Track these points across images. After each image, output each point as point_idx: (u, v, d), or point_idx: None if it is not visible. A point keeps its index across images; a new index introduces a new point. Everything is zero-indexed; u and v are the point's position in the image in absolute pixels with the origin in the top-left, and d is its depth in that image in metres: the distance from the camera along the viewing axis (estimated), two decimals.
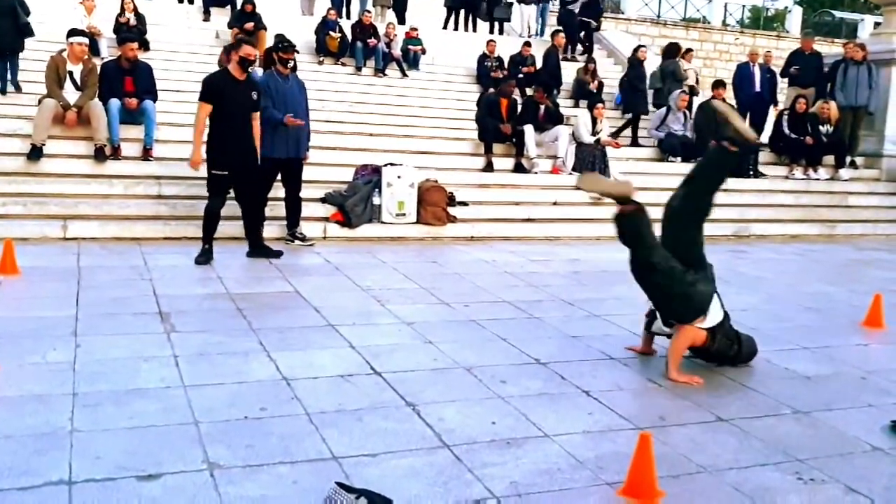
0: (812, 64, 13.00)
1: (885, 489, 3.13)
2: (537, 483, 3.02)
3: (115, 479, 2.87)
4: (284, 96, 7.40)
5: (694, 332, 4.31)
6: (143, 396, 3.68)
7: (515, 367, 4.40)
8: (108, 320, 4.91)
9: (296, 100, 7.51)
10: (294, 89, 7.55)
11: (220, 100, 6.67)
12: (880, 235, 10.98)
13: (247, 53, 6.72)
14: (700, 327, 4.32)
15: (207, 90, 6.74)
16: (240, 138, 6.77)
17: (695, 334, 4.32)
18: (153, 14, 13.20)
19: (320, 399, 3.75)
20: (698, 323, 4.31)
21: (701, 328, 4.32)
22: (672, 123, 11.72)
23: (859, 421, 3.81)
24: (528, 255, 8.06)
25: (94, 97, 8.56)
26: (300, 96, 7.61)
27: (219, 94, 6.68)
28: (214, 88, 6.72)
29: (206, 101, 6.71)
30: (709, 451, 3.40)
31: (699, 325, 4.31)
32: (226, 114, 6.69)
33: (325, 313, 5.33)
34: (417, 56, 14.23)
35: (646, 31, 21.80)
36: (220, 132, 6.72)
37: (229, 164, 6.77)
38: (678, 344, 4.33)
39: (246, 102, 6.79)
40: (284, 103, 7.36)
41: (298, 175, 7.70)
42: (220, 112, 6.70)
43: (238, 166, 6.82)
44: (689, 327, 4.30)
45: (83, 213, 7.83)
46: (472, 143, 10.84)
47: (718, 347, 4.40)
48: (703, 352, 4.46)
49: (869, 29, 23.03)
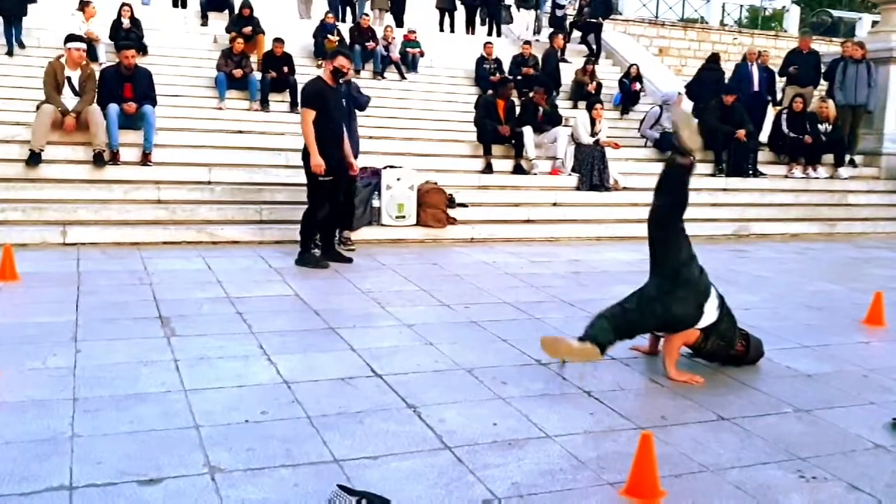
0: (810, 63, 13.01)
1: (887, 486, 3.12)
2: (539, 484, 3.01)
3: (116, 483, 2.86)
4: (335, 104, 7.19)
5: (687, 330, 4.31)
6: (144, 401, 3.67)
7: (516, 368, 4.39)
8: (108, 325, 4.90)
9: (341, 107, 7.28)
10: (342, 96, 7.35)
11: (321, 107, 6.78)
12: (880, 233, 10.98)
13: (340, 65, 6.83)
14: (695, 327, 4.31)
15: (312, 96, 6.82)
16: (338, 145, 6.95)
17: (687, 333, 4.31)
18: (151, 19, 13.24)
19: (321, 402, 3.75)
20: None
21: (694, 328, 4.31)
22: (666, 122, 11.73)
23: (861, 419, 3.80)
24: (528, 256, 8.06)
25: (92, 102, 8.57)
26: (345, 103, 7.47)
27: (320, 100, 6.78)
28: (319, 95, 6.81)
29: (310, 108, 6.79)
30: (711, 450, 3.39)
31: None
32: (327, 120, 6.81)
33: (325, 316, 5.33)
34: (416, 59, 14.25)
35: (644, 31, 21.83)
36: (322, 139, 6.81)
37: (332, 170, 6.88)
38: (671, 343, 4.32)
39: (343, 109, 7.03)
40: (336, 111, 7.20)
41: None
42: (322, 118, 6.79)
43: (338, 171, 6.94)
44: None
45: (82, 218, 7.84)
46: (472, 144, 10.85)
47: (711, 348, 4.40)
48: (697, 351, 4.46)
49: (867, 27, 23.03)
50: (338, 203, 7.30)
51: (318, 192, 6.97)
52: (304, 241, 7.10)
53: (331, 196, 7.08)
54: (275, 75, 11.61)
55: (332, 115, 6.85)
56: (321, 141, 6.82)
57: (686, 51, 22.43)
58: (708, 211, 10.56)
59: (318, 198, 6.99)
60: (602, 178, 10.48)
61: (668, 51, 22.00)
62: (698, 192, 10.99)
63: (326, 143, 6.84)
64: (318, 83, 6.98)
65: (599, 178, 10.47)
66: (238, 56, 11.65)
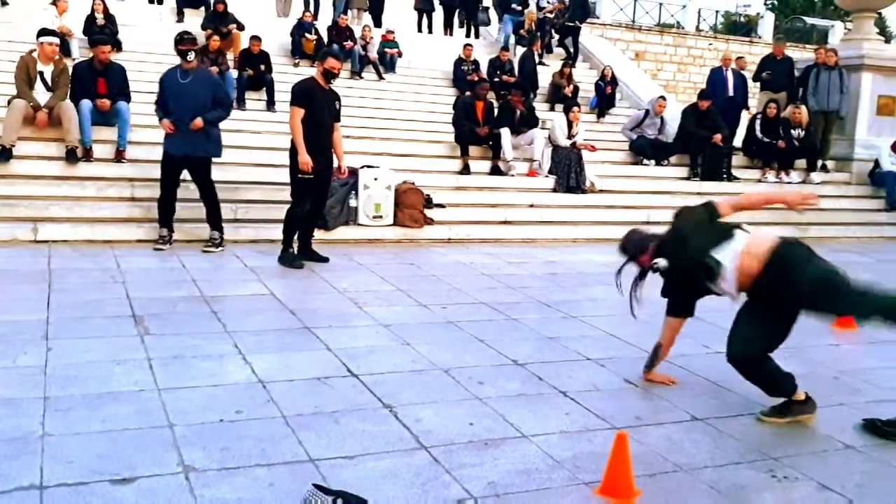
0: (783, 69, 13.18)
1: (856, 486, 3.17)
2: (515, 483, 3.02)
3: (87, 483, 2.82)
4: (177, 93, 7.19)
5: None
6: (117, 400, 3.63)
7: (493, 369, 4.40)
8: (80, 323, 4.84)
9: (188, 96, 7.17)
10: (194, 85, 7.22)
11: (309, 106, 6.79)
12: (851, 238, 11.14)
13: (331, 66, 6.87)
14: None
15: (301, 95, 6.84)
16: (322, 145, 6.92)
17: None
18: (126, 15, 13.08)
19: (297, 401, 3.73)
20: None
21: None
22: (647, 128, 11.84)
23: (832, 420, 3.85)
24: (505, 256, 8.08)
25: (65, 98, 8.44)
26: (200, 92, 7.24)
27: (310, 99, 6.80)
28: (308, 93, 6.82)
29: (299, 106, 6.81)
30: (685, 450, 3.42)
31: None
32: (314, 120, 6.81)
33: (300, 316, 5.30)
34: (394, 59, 14.22)
35: (620, 35, 21.96)
36: (308, 138, 6.80)
37: (315, 169, 6.87)
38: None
39: (331, 111, 6.97)
40: (175, 99, 7.18)
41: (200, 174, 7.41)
42: (309, 118, 6.80)
43: (316, 171, 6.91)
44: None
45: (54, 215, 7.72)
46: (449, 145, 10.85)
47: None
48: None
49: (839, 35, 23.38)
50: (322, 204, 7.32)
51: (300, 190, 6.96)
52: (285, 240, 7.07)
53: (314, 195, 7.06)
54: (251, 73, 11.54)
55: (319, 115, 6.85)
56: (307, 141, 6.81)
57: (662, 55, 22.61)
58: None
59: (300, 196, 6.99)
60: (578, 181, 10.53)
61: (644, 55, 22.17)
62: (673, 195, 11.13)
63: (312, 144, 6.82)
64: (310, 83, 6.98)
65: (576, 181, 10.52)
66: (214, 53, 11.55)
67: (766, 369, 3.81)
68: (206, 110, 7.25)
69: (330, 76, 6.92)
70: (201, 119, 7.17)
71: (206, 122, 7.22)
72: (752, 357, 3.78)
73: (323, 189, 7.24)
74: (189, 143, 7.22)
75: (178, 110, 7.18)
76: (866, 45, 12.99)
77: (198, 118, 7.16)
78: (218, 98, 7.42)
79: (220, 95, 7.52)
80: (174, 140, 7.23)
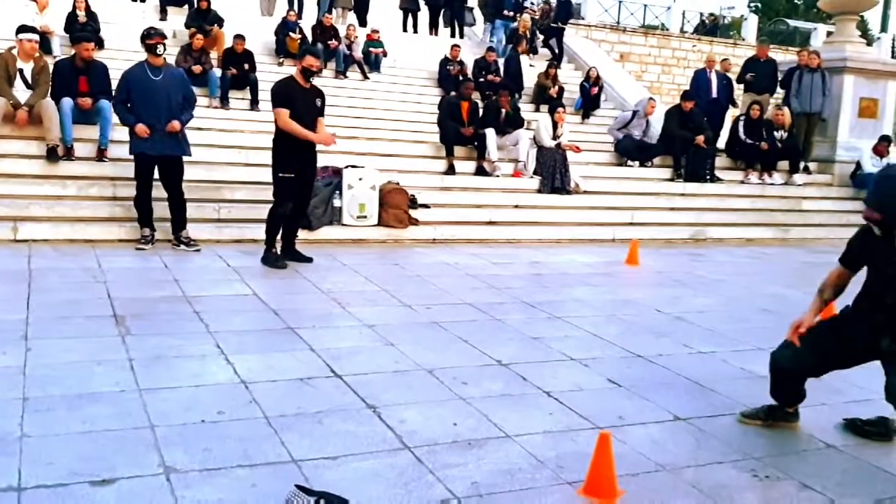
0: (767, 71, 13.27)
1: (837, 485, 3.19)
2: (498, 483, 3.02)
3: (66, 484, 2.79)
4: (147, 91, 7.06)
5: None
6: (97, 401, 3.59)
7: (477, 369, 4.40)
8: (60, 323, 4.79)
9: (161, 94, 7.07)
10: (167, 83, 7.15)
11: (291, 105, 6.77)
12: (833, 239, 11.19)
13: (309, 64, 6.83)
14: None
15: (280, 96, 6.82)
16: (303, 144, 6.87)
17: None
18: (108, 13, 12.97)
19: (279, 402, 3.71)
20: None
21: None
22: (634, 129, 11.88)
23: (813, 420, 3.87)
24: (489, 257, 8.08)
25: (46, 96, 8.36)
26: (173, 91, 7.18)
27: (290, 99, 6.78)
28: (287, 94, 6.81)
29: (282, 107, 6.79)
30: (667, 449, 3.43)
31: None
32: (295, 119, 6.77)
33: (284, 316, 5.27)
34: (379, 58, 14.21)
35: (605, 37, 22.02)
36: (290, 138, 6.78)
37: (295, 168, 6.84)
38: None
39: (311, 109, 6.93)
40: (145, 98, 7.06)
41: (177, 174, 7.37)
42: (290, 118, 6.77)
43: (302, 170, 6.90)
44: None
45: (34, 214, 7.64)
46: (434, 145, 10.84)
47: None
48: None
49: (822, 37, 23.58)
50: (306, 203, 7.30)
51: (282, 189, 6.93)
52: (268, 240, 7.04)
53: (296, 194, 7.04)
54: (235, 72, 11.47)
55: (299, 114, 6.82)
56: (290, 140, 6.78)
57: (647, 57, 22.69)
58: (666, 215, 10.73)
59: (281, 195, 6.96)
60: (563, 182, 10.55)
61: (629, 56, 22.24)
62: (657, 196, 11.19)
63: (294, 143, 6.79)
64: (288, 82, 6.96)
65: (561, 182, 10.54)
66: (197, 52, 11.49)
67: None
68: (178, 109, 7.20)
69: (309, 74, 6.88)
70: (178, 122, 7.14)
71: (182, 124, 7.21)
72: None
73: (307, 189, 7.21)
74: (166, 143, 7.15)
75: (149, 109, 7.04)
76: (849, 47, 13.11)
77: (174, 121, 7.11)
78: (187, 98, 7.38)
79: (189, 95, 7.47)
80: (149, 141, 7.10)
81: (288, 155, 6.84)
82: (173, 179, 7.35)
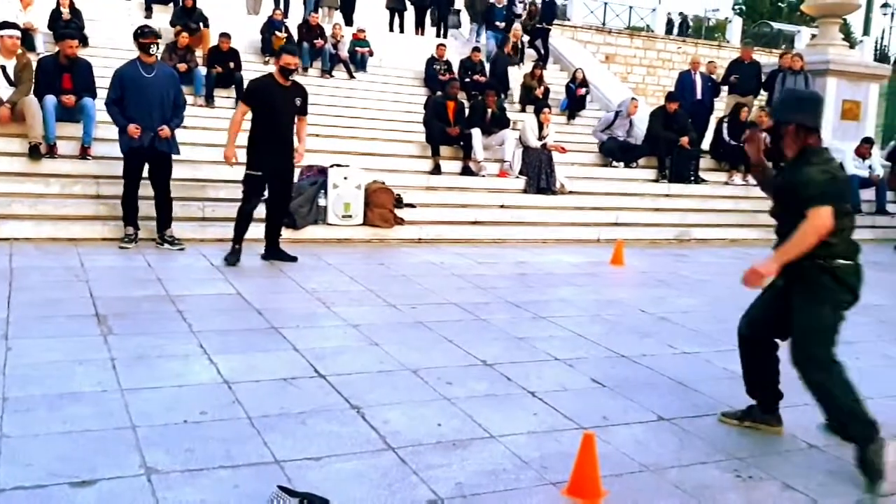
0: (751, 73, 13.35)
1: (819, 485, 3.21)
2: (482, 484, 3.01)
3: (46, 486, 2.76)
4: (140, 89, 7.02)
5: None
6: (78, 400, 3.56)
7: (461, 369, 4.39)
8: (41, 323, 4.74)
9: (154, 92, 7.05)
10: (159, 81, 7.13)
11: (262, 104, 6.75)
12: None
13: (286, 62, 6.79)
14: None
15: (250, 93, 6.86)
16: (280, 142, 6.85)
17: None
18: (92, 10, 12.87)
19: (262, 402, 3.68)
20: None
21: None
22: (617, 129, 11.93)
23: (796, 420, 3.88)
24: (475, 257, 8.08)
25: (28, 93, 8.28)
26: (165, 90, 7.15)
27: (261, 98, 6.76)
28: (257, 92, 6.80)
29: (245, 103, 6.86)
30: (651, 450, 3.44)
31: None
32: (268, 118, 6.76)
33: (267, 316, 5.24)
34: (365, 58, 14.18)
35: (591, 38, 22.10)
36: (262, 135, 6.76)
37: (265, 166, 6.81)
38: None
39: (289, 108, 6.89)
40: (138, 95, 7.02)
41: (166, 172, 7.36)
42: (263, 115, 6.77)
43: (273, 169, 6.86)
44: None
45: (16, 212, 7.57)
46: (420, 145, 10.83)
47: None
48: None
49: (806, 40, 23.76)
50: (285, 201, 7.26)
51: (249, 186, 6.92)
52: (234, 237, 6.98)
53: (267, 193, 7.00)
54: (220, 70, 11.42)
55: (275, 113, 6.78)
56: (260, 139, 6.74)
57: (632, 58, 22.79)
58: (650, 216, 10.76)
59: (249, 192, 6.94)
60: (549, 182, 10.57)
61: (614, 58, 22.33)
62: (641, 197, 11.23)
63: (269, 141, 6.76)
64: (266, 80, 6.93)
65: (546, 182, 10.56)
66: (182, 50, 11.42)
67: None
68: (170, 107, 7.18)
69: (287, 73, 6.82)
70: (168, 128, 7.12)
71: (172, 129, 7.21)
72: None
73: (286, 187, 7.16)
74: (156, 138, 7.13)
75: (142, 107, 7.02)
76: (831, 50, 13.23)
77: (165, 127, 7.09)
78: (177, 102, 7.34)
79: (179, 97, 7.40)
80: (272, 150, 6.92)
81: (258, 153, 6.79)
82: (162, 177, 7.31)
